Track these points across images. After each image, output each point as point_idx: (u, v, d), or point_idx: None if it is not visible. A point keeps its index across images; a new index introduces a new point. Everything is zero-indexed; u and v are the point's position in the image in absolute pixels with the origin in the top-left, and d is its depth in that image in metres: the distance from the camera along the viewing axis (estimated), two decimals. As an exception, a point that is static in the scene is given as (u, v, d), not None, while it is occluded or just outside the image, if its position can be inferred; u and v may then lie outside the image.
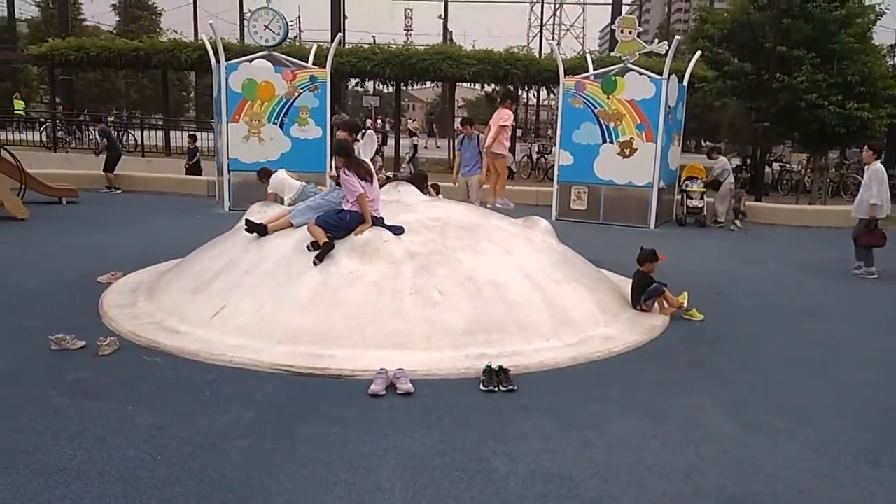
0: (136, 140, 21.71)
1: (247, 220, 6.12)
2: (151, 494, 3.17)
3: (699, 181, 13.52)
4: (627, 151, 12.56)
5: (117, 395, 4.26)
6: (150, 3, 49.13)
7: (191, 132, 19.86)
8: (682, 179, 13.81)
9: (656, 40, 13.59)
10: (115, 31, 39.30)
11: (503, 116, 9.04)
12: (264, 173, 8.46)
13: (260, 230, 5.98)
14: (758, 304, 7.21)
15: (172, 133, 22.20)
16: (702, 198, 13.37)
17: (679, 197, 13.73)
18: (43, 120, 24.03)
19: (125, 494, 3.16)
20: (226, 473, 3.38)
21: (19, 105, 27.81)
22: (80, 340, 5.02)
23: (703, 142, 43.66)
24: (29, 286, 6.71)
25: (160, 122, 24.93)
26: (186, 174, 17.04)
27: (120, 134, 22.36)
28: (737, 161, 19.74)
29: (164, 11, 50.05)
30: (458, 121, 30.12)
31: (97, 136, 16.78)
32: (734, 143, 26.59)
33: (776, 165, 21.13)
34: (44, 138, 22.04)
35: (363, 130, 6.19)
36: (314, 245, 5.62)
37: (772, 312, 6.95)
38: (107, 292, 6.39)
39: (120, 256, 8.02)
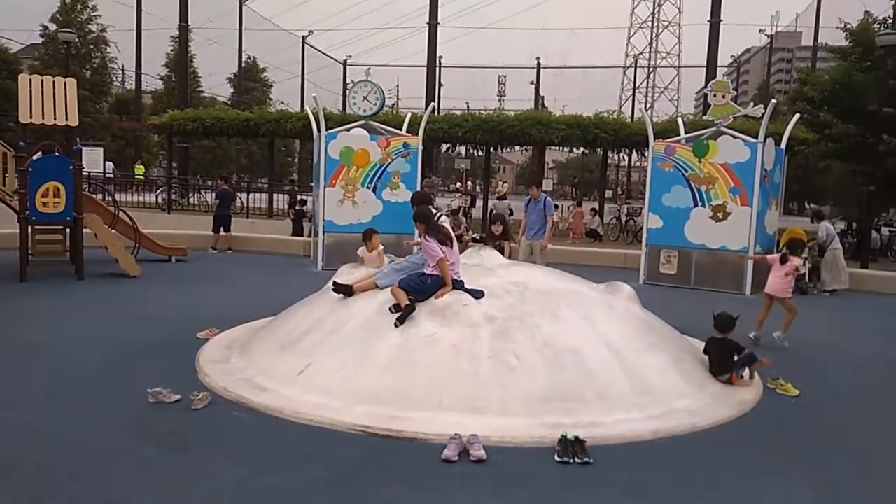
0: (241, 202, 23.10)
1: (334, 282, 6.38)
2: (227, 548, 3.30)
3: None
4: (720, 215, 12.25)
5: (204, 448, 4.47)
6: (261, 76, 52.81)
7: (301, 197, 21.06)
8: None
9: (752, 103, 13.33)
10: (229, 102, 42.40)
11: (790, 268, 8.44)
12: (369, 234, 8.27)
13: (346, 291, 6.21)
14: (860, 381, 6.75)
15: (276, 196, 23.50)
16: (804, 264, 12.75)
17: (778, 263, 13.14)
18: (160, 184, 26.04)
19: (203, 547, 3.30)
20: (298, 532, 3.47)
21: (140, 170, 30.31)
22: (176, 394, 5.32)
23: (806, 204, 41.80)
24: (135, 340, 7.19)
25: (265, 186, 26.48)
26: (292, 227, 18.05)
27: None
28: (841, 226, 18.76)
29: (274, 83, 53.68)
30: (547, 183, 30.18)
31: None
32: (840, 206, 25.31)
33: (885, 230, 19.90)
34: (159, 200, 23.82)
35: (439, 213, 6.41)
36: (396, 307, 5.78)
37: (876, 390, 6.49)
38: (204, 348, 6.77)
39: (219, 313, 8.47)
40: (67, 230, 11.31)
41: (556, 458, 4.42)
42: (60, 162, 10.77)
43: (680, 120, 16.10)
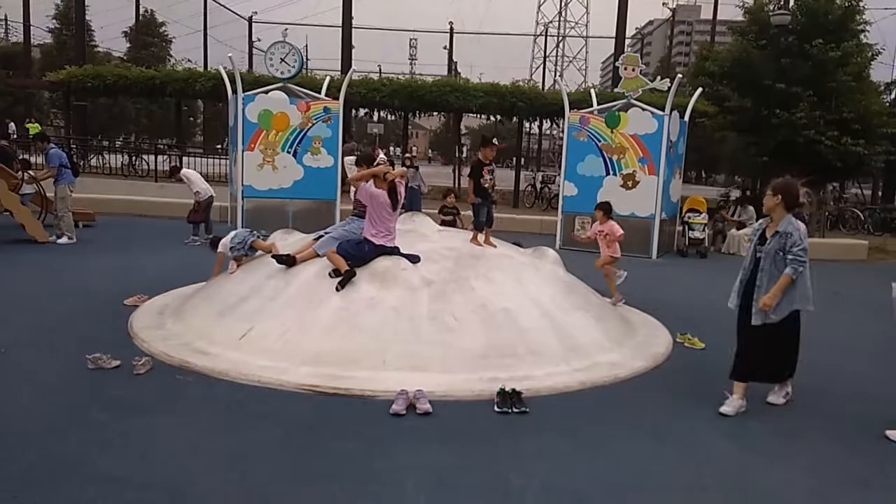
0: (147, 165, 22.13)
1: (273, 254, 6.40)
2: (196, 503, 3.45)
3: (701, 213, 13.93)
4: (630, 184, 12.96)
5: (155, 411, 4.54)
6: (160, 31, 49.98)
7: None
8: (684, 211, 14.19)
9: (658, 77, 14.04)
10: (125, 58, 40.00)
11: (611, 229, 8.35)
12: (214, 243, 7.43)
13: (288, 262, 6.27)
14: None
15: (185, 159, 22.61)
16: (703, 230, 13.74)
17: (681, 228, 14.09)
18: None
19: (172, 502, 3.44)
20: (260, 484, 3.66)
21: (34, 129, 28.27)
22: (116, 360, 5.31)
23: (703, 173, 44.21)
24: (58, 308, 7.01)
25: (172, 148, 25.37)
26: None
27: (133, 159, 22.84)
28: (736, 193, 20.16)
29: (174, 38, 50.88)
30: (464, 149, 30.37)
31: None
32: (734, 174, 27.07)
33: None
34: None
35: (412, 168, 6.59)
36: (336, 272, 5.93)
37: (770, 342, 7.21)
38: (135, 314, 6.69)
39: (140, 279, 8.33)
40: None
41: (496, 408, 4.78)
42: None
43: (592, 91, 16.74)
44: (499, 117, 22.32)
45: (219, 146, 28.42)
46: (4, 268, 9.02)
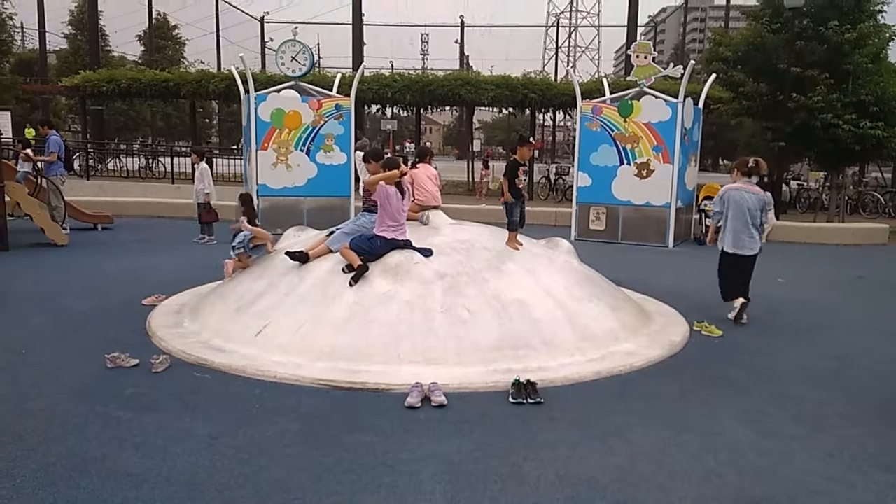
0: (164, 168, 22.36)
1: (287, 252, 6.43)
2: (214, 497, 3.48)
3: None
4: (645, 172, 12.87)
5: (173, 408, 4.59)
6: (173, 33, 50.43)
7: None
8: (700, 199, 14.06)
9: (671, 64, 13.90)
10: (140, 62, 40.41)
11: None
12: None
13: (301, 258, 6.30)
14: (774, 320, 7.43)
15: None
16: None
17: (697, 216, 13.97)
18: (73, 149, 24.72)
19: (190, 496, 3.47)
20: (279, 478, 3.68)
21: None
22: (134, 359, 5.38)
23: (720, 160, 43.81)
24: (79, 309, 7.11)
25: (185, 149, 25.59)
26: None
27: (150, 162, 23.13)
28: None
29: (187, 41, 51.35)
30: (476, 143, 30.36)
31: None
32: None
33: (794, 183, 21.27)
34: (76, 167, 22.71)
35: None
36: (349, 267, 5.96)
37: (787, 327, 7.16)
38: (153, 314, 6.77)
39: (158, 279, 8.43)
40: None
41: (511, 399, 4.77)
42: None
43: (605, 80, 16.62)
44: (511, 110, 22.23)
45: (234, 146, 28.59)
46: (24, 270, 9.16)
